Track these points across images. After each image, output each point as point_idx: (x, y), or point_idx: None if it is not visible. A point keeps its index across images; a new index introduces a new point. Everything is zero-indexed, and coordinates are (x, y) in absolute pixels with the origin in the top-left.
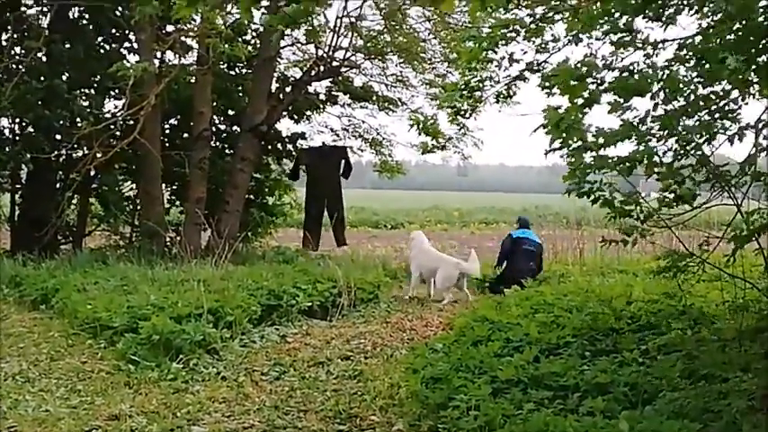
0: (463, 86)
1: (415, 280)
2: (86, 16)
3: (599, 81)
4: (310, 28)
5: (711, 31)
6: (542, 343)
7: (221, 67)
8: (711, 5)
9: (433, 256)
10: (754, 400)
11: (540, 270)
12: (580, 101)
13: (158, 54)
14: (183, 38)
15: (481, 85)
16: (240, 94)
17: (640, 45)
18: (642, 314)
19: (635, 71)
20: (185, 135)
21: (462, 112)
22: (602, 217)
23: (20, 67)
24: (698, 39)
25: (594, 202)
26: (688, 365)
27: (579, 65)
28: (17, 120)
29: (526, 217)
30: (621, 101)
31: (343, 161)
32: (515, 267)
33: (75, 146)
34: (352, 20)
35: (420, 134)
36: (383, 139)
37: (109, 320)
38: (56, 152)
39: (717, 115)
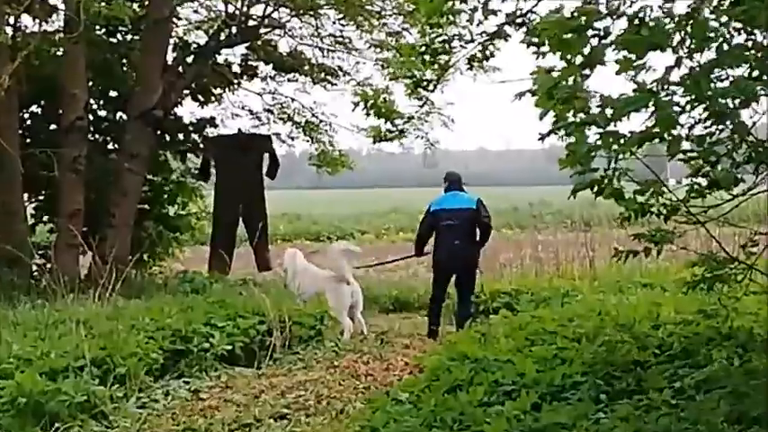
0: (424, 48)
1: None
2: None
3: (602, 33)
4: None
5: None
6: (542, 385)
7: (97, 33)
8: None
9: (319, 276)
10: None
11: (486, 238)
12: (579, 59)
13: (11, 20)
14: None
15: (448, 46)
16: (125, 69)
17: None
18: (674, 341)
19: (649, 18)
20: (52, 126)
21: (424, 83)
22: (616, 214)
23: None
24: None
25: (599, 194)
26: (735, 407)
27: (575, 13)
28: None
29: (456, 172)
30: (633, 57)
31: (266, 155)
32: (437, 253)
33: None
34: None
35: (369, 115)
36: (320, 121)
37: None
38: None
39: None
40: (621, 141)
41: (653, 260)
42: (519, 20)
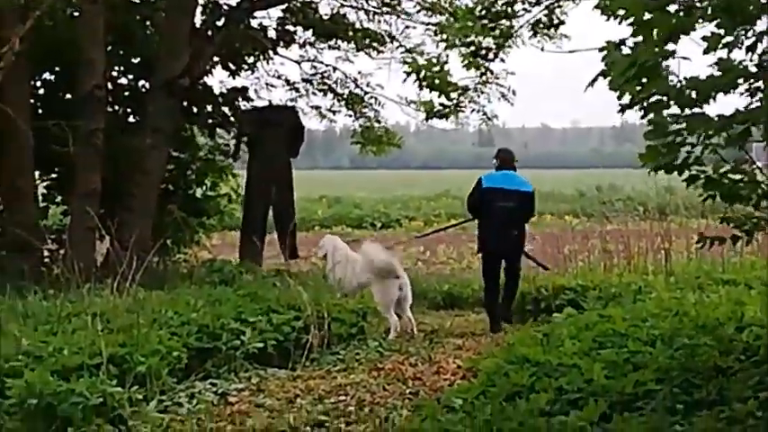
0: (483, 11)
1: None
2: None
3: (686, 5)
4: None
5: None
6: (612, 393)
7: None
8: None
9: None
10: None
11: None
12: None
13: None
14: None
15: (510, 9)
16: (148, 33)
17: None
18: (760, 345)
19: None
20: (67, 96)
21: (483, 52)
22: (697, 201)
23: None
24: None
25: (690, 182)
26: None
27: None
28: None
29: (510, 150)
30: (722, 32)
31: (293, 130)
32: (486, 236)
33: None
34: None
35: (421, 88)
36: (365, 93)
37: None
38: None
39: None
40: (707, 123)
41: (736, 253)
42: None
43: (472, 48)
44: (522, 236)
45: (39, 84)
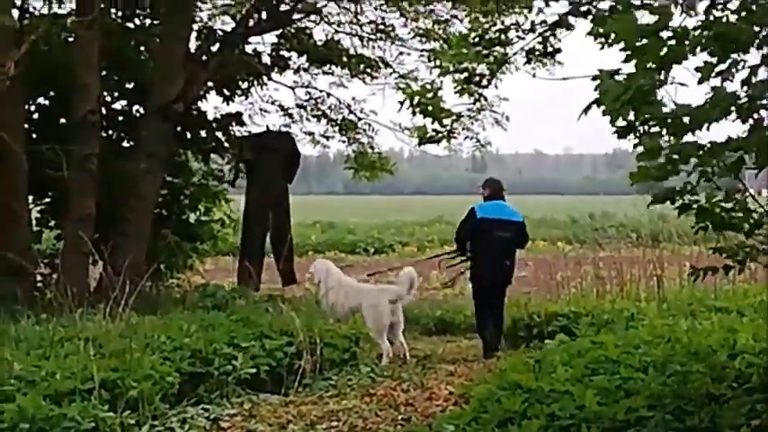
0: (477, 39)
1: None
2: None
3: (678, 32)
4: None
5: None
6: (605, 420)
7: (112, 17)
8: None
9: (353, 289)
10: None
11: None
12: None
13: (18, 1)
14: None
15: (504, 36)
16: (143, 58)
17: None
18: (753, 372)
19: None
20: (62, 121)
21: (477, 78)
22: (690, 228)
23: None
24: None
25: (682, 211)
26: None
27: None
28: None
29: (498, 180)
30: (714, 61)
31: (290, 156)
32: (482, 267)
33: None
34: None
35: (414, 114)
36: (359, 119)
37: None
38: None
39: None
40: (701, 153)
41: (729, 281)
42: (584, 8)
43: (466, 74)
44: (513, 265)
45: (33, 108)
